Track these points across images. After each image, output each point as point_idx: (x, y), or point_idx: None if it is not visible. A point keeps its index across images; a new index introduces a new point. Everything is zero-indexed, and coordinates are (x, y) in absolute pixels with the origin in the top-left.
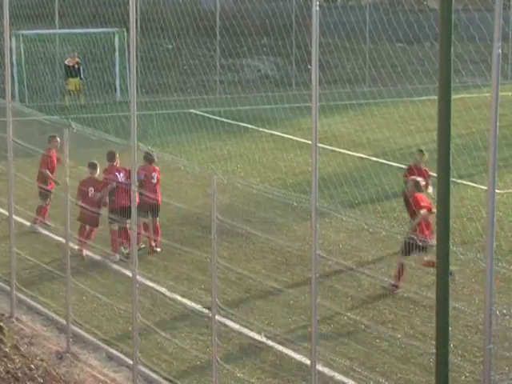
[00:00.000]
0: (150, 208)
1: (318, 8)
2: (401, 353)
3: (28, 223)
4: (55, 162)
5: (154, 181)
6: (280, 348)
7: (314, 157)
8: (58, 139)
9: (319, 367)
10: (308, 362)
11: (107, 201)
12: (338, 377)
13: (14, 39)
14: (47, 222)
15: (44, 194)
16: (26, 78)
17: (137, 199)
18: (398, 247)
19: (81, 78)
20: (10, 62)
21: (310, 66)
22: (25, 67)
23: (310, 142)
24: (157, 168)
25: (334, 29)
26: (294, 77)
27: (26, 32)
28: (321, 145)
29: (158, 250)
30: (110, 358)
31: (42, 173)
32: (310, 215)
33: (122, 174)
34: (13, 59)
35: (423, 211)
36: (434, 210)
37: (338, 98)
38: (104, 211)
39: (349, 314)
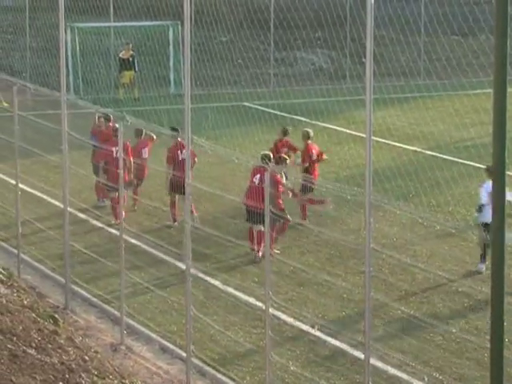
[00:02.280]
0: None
1: (372, 1)
2: (455, 347)
3: (82, 215)
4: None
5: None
6: (333, 341)
7: (368, 150)
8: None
9: (373, 361)
10: (361, 355)
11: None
12: (392, 371)
13: (69, 32)
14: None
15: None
16: (80, 71)
17: None
18: (453, 241)
19: (135, 71)
20: (65, 54)
21: (364, 59)
22: (79, 60)
23: (363, 136)
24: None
25: (389, 21)
26: (348, 70)
27: (81, 25)
28: (375, 138)
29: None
30: (164, 350)
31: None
32: (364, 208)
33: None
34: (68, 52)
35: None
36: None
37: (393, 91)
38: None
39: (403, 308)
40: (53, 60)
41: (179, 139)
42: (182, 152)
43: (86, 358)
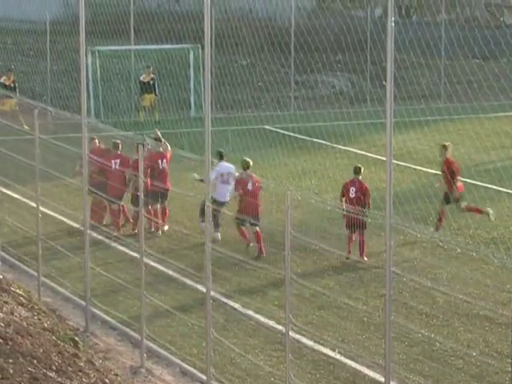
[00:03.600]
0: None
1: (393, 24)
2: (476, 371)
3: (103, 238)
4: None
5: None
6: (354, 365)
7: (388, 173)
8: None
9: None
10: (382, 379)
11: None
12: None
13: (89, 55)
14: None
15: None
16: (101, 94)
17: None
18: (473, 264)
19: (155, 94)
20: (86, 78)
21: (384, 82)
22: (100, 83)
23: (384, 159)
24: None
25: (410, 45)
26: (369, 93)
27: (101, 48)
28: (395, 161)
29: None
30: (184, 373)
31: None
32: (385, 231)
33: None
34: (88, 75)
35: None
36: None
37: (413, 115)
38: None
39: (423, 331)
40: (73, 83)
41: (161, 149)
42: (162, 161)
43: (107, 380)
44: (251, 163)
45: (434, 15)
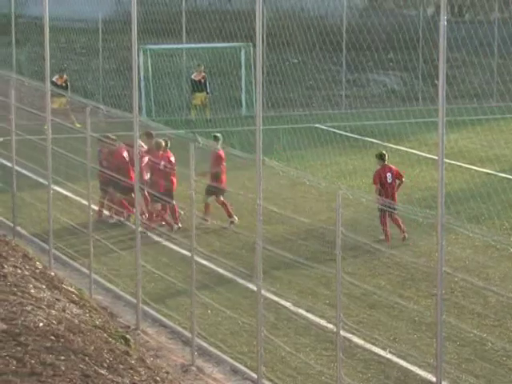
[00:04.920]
0: None
1: (445, 23)
2: None
3: (154, 236)
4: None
5: None
6: (405, 364)
7: (440, 172)
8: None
9: None
10: (433, 378)
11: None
12: None
13: (141, 54)
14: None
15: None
16: (152, 93)
17: None
18: None
19: (207, 93)
20: (138, 76)
21: (436, 81)
22: (152, 81)
23: (436, 158)
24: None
25: (462, 43)
26: (421, 92)
27: (153, 47)
28: (447, 160)
29: None
30: (235, 371)
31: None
32: (436, 231)
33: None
34: (140, 74)
35: None
36: None
37: (465, 113)
38: None
39: (475, 331)
40: (125, 82)
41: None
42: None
43: (158, 378)
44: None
45: (487, 13)
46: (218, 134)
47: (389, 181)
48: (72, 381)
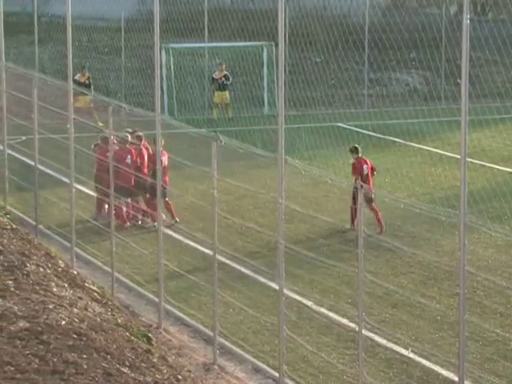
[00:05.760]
0: None
1: (468, 21)
2: None
3: (175, 234)
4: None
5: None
6: (427, 363)
7: (462, 171)
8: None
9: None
10: (456, 378)
11: None
12: None
13: (163, 53)
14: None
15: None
16: (174, 91)
17: None
18: None
19: (228, 92)
20: (160, 75)
21: (459, 80)
22: (174, 80)
23: (458, 157)
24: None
25: (485, 42)
26: (443, 91)
27: (175, 45)
28: (470, 159)
29: None
30: (256, 370)
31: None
32: (459, 230)
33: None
34: (162, 72)
35: None
36: None
37: (488, 113)
38: None
39: (497, 331)
40: (147, 80)
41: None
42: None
43: (180, 377)
44: None
45: (510, 12)
46: None
47: (365, 172)
48: (94, 379)
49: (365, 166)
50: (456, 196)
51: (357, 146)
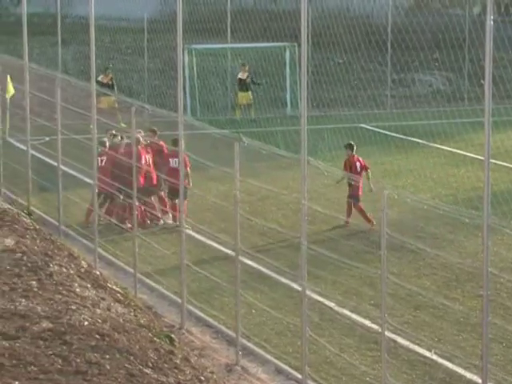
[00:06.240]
0: None
1: (492, 22)
2: None
3: (198, 236)
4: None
5: None
6: (450, 365)
7: (486, 173)
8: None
9: None
10: (479, 380)
11: None
12: None
13: (186, 53)
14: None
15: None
16: (197, 92)
17: None
18: None
19: (251, 92)
20: (183, 75)
21: (482, 81)
22: (196, 81)
23: (482, 158)
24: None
25: (508, 43)
26: (467, 91)
27: (198, 46)
28: (493, 160)
29: None
30: (279, 371)
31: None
32: (482, 232)
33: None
34: (185, 73)
35: None
36: None
37: None
38: None
39: None
40: (170, 81)
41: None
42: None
43: (202, 378)
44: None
45: None
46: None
47: (358, 170)
48: (117, 380)
49: (357, 164)
50: (479, 197)
51: (351, 142)
